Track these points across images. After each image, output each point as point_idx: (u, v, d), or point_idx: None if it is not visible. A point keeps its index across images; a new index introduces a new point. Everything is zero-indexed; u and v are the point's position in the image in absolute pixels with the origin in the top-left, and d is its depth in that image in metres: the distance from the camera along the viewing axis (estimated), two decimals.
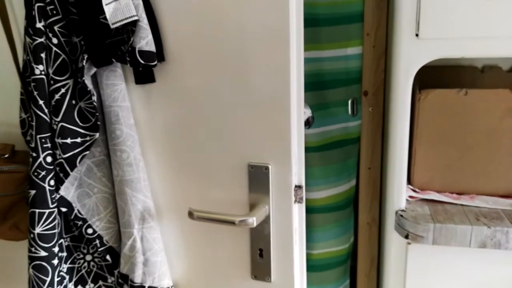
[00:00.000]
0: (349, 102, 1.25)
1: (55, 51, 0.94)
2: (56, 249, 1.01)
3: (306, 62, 1.14)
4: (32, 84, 0.94)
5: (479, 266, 1.08)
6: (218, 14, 0.89)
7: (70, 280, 1.09)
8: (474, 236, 1.01)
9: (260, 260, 0.99)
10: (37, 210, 0.98)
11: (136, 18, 0.87)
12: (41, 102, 0.95)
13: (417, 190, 1.17)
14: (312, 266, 1.34)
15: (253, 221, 0.89)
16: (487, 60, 1.30)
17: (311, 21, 1.16)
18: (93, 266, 1.11)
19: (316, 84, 1.22)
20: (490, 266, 1.07)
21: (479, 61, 1.31)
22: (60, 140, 0.96)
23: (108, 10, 0.86)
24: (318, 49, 1.20)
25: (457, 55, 0.99)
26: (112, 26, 0.87)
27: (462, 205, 1.11)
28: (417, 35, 0.98)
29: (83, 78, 0.92)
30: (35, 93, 0.94)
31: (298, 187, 0.94)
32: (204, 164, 0.99)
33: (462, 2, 0.95)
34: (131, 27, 0.88)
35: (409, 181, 1.17)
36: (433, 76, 1.25)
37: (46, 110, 0.95)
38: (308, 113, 1.15)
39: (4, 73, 1.13)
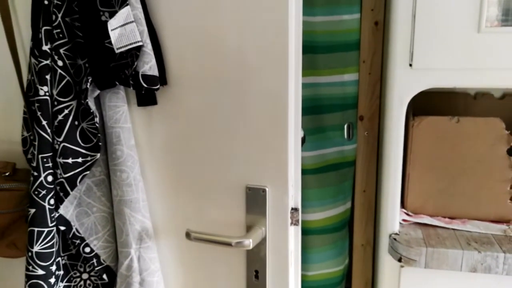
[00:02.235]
0: (345, 126, 1.28)
1: (60, 73, 0.96)
2: (53, 268, 1.02)
3: (304, 87, 1.17)
4: (36, 104, 0.96)
5: None
6: (219, 40, 0.92)
7: None
8: (465, 261, 1.03)
9: (255, 282, 1.00)
10: (36, 229, 0.98)
11: (140, 44, 0.89)
12: (44, 122, 0.96)
13: (410, 213, 1.18)
14: (307, 287, 1.34)
15: (250, 243, 0.91)
16: (479, 88, 1.34)
17: (310, 48, 1.19)
18: (89, 285, 1.11)
19: (314, 108, 1.25)
20: None
21: (472, 88, 1.35)
22: (61, 160, 0.98)
23: (114, 35, 0.89)
24: (316, 74, 1.23)
25: (448, 85, 1.03)
26: (117, 51, 0.89)
27: (454, 229, 1.13)
28: (410, 65, 1.01)
29: (87, 100, 0.94)
30: (39, 113, 0.96)
31: (295, 209, 0.95)
32: (202, 185, 1.00)
33: (454, 35, 0.99)
34: (135, 51, 0.91)
35: (402, 205, 1.19)
36: (427, 102, 1.28)
37: (49, 130, 0.97)
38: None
39: (8, 92, 1.15)
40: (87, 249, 1.04)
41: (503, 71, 0.99)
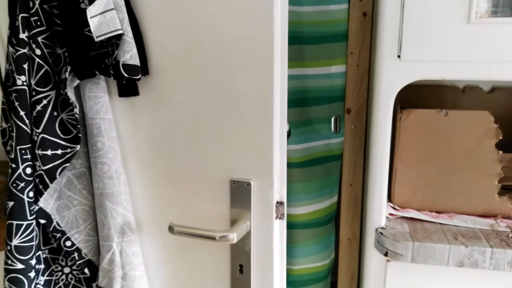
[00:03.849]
0: (332, 119, 1.26)
1: (38, 62, 0.93)
2: (33, 262, 1.00)
3: (290, 79, 1.15)
4: (14, 94, 0.93)
5: (456, 285, 1.08)
6: (203, 29, 0.90)
7: None
8: (452, 255, 1.02)
9: (240, 276, 0.99)
10: (14, 222, 0.96)
11: (121, 32, 0.87)
12: (22, 113, 0.94)
13: (397, 207, 1.18)
14: (293, 281, 1.33)
15: (234, 237, 0.89)
16: (468, 81, 1.33)
17: (297, 39, 1.17)
18: (71, 279, 1.09)
19: (300, 100, 1.23)
20: (467, 285, 1.08)
21: (460, 81, 1.34)
22: (40, 152, 0.95)
23: (93, 23, 0.86)
24: (302, 66, 1.21)
25: (437, 77, 1.01)
26: (97, 39, 0.87)
27: (441, 223, 1.12)
28: (399, 56, 1.00)
29: (66, 90, 0.92)
30: (16, 103, 0.93)
31: (280, 203, 0.94)
32: (186, 178, 0.99)
33: (443, 25, 0.97)
34: (115, 40, 0.88)
35: (389, 199, 1.18)
36: (415, 95, 1.27)
37: (27, 121, 0.94)
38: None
39: None
40: (68, 243, 1.02)
41: (493, 63, 0.98)
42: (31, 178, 0.97)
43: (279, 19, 0.86)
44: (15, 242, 0.97)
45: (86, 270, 1.04)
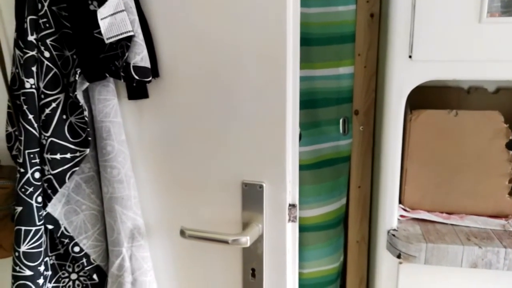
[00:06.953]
0: (341, 120, 1.26)
1: (46, 64, 0.92)
2: (41, 268, 0.98)
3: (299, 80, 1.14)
4: (22, 98, 0.92)
5: (469, 286, 1.08)
6: (214, 31, 0.89)
7: None
8: (466, 256, 1.01)
9: (252, 280, 0.97)
10: (23, 228, 0.95)
11: (131, 33, 0.86)
12: (30, 116, 0.92)
13: (407, 209, 1.17)
14: (302, 285, 1.32)
15: (247, 240, 0.88)
16: (473, 82, 1.33)
17: (305, 41, 1.16)
18: (78, 286, 1.07)
19: (309, 102, 1.22)
20: (481, 286, 1.07)
21: (465, 82, 1.33)
22: (49, 156, 0.94)
23: (103, 25, 0.85)
24: (311, 68, 1.20)
25: (449, 77, 1.01)
26: (107, 41, 0.86)
27: (452, 224, 1.12)
28: (410, 56, 0.99)
29: (75, 93, 0.90)
30: (25, 107, 0.92)
31: (292, 205, 0.93)
32: (196, 181, 0.97)
33: (455, 25, 0.97)
34: (126, 42, 0.87)
35: (399, 200, 1.18)
36: (420, 96, 1.26)
37: (35, 125, 0.93)
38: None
39: None
40: (77, 249, 1.00)
41: (505, 63, 0.97)
42: (39, 183, 0.95)
43: (291, 21, 0.85)
44: (23, 248, 0.95)
45: (94, 276, 1.03)
